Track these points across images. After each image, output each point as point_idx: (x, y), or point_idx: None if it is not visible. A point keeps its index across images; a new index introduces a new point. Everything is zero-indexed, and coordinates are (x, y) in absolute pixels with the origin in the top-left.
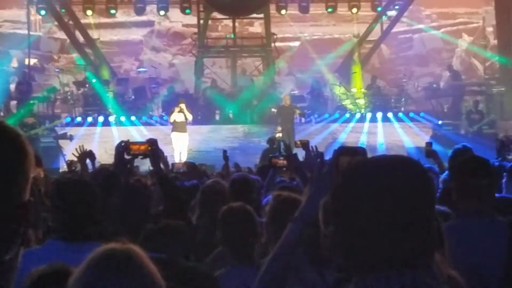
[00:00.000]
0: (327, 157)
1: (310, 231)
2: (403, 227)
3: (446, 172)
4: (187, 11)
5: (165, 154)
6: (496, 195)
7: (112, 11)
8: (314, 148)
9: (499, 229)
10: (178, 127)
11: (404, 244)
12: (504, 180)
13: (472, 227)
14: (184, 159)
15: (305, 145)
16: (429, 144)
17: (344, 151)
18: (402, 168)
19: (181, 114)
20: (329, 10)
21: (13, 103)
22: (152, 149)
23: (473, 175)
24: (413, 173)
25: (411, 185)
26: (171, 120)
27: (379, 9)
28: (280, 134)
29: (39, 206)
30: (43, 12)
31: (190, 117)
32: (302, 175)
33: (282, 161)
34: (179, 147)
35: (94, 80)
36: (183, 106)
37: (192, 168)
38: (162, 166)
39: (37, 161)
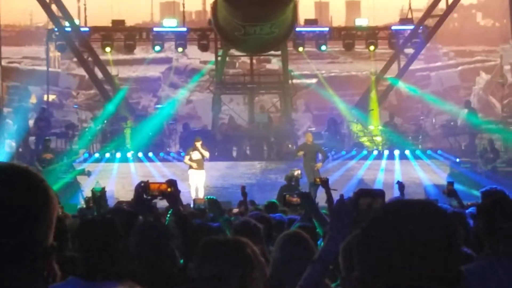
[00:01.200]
0: (346, 195)
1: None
2: (429, 272)
3: (470, 210)
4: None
5: (182, 190)
6: None
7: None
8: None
9: None
10: (195, 164)
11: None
12: None
13: (498, 270)
14: (201, 195)
15: (324, 182)
16: (450, 183)
17: (364, 193)
18: (427, 214)
19: (196, 152)
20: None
21: (32, 139)
22: (171, 191)
23: (500, 218)
24: (437, 218)
25: (436, 230)
26: (186, 161)
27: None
28: (299, 172)
29: (64, 244)
30: (62, 49)
31: (206, 154)
32: (318, 214)
33: (295, 199)
34: (196, 184)
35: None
36: (198, 144)
37: (213, 204)
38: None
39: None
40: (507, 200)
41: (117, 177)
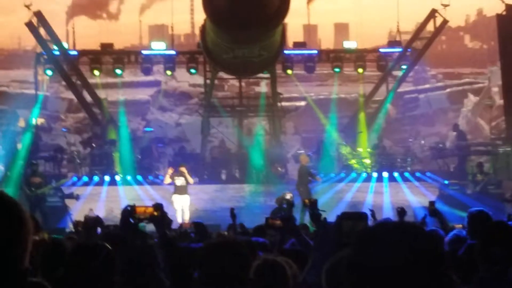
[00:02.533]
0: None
1: None
2: None
3: (451, 234)
4: (193, 71)
5: (171, 213)
6: None
7: (118, 72)
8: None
9: None
10: (178, 190)
11: None
12: None
13: None
14: (186, 218)
15: (313, 204)
16: (432, 203)
17: (346, 216)
18: (410, 236)
19: (182, 178)
20: (336, 70)
21: (21, 163)
22: (157, 215)
23: (495, 242)
24: (420, 240)
25: (419, 251)
26: (166, 181)
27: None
28: (291, 195)
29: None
30: (50, 73)
31: (191, 180)
32: (299, 238)
33: (278, 222)
34: (181, 207)
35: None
36: (184, 170)
37: (200, 228)
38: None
39: (36, 225)
40: (501, 226)
41: (106, 201)
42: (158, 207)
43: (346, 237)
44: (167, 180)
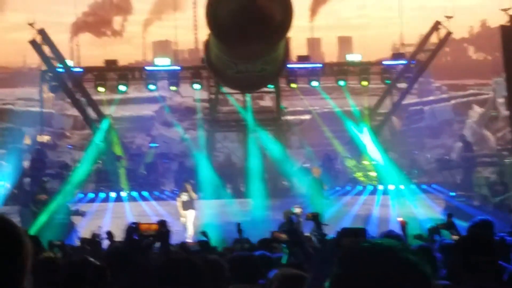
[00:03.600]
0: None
1: None
2: None
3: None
4: (197, 87)
5: (176, 228)
6: None
7: (123, 89)
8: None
9: None
10: (184, 206)
11: None
12: None
13: None
14: (190, 234)
15: (315, 217)
16: (450, 215)
17: (346, 232)
18: (390, 259)
19: (186, 194)
20: (342, 83)
21: (27, 180)
22: (161, 231)
23: (475, 252)
24: (401, 262)
25: (399, 274)
26: (178, 205)
27: (389, 82)
28: (300, 209)
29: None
30: (55, 90)
31: (194, 196)
32: (305, 251)
33: (283, 236)
34: (185, 223)
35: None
36: (189, 187)
37: (204, 246)
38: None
39: (37, 244)
40: (480, 235)
41: (112, 217)
42: (162, 223)
43: None
44: (178, 203)
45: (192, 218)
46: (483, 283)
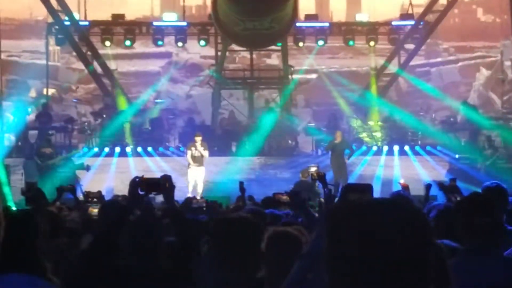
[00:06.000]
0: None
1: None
2: (389, 272)
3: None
4: (203, 43)
5: (180, 185)
6: None
7: (128, 43)
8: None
9: (506, 267)
10: (194, 161)
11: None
12: None
13: (476, 265)
14: (199, 191)
15: (321, 177)
16: (453, 180)
17: (352, 188)
18: (388, 212)
19: (197, 150)
20: (350, 43)
21: (32, 133)
22: (166, 186)
23: (477, 213)
24: (401, 216)
25: (396, 228)
26: (188, 159)
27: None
28: (316, 168)
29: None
30: (61, 43)
31: (206, 154)
32: (307, 213)
33: (285, 197)
34: (194, 180)
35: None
36: (198, 140)
37: (211, 208)
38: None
39: (42, 196)
40: (482, 196)
41: (116, 172)
42: (167, 178)
43: None
44: (188, 156)
45: (203, 176)
46: (484, 245)
